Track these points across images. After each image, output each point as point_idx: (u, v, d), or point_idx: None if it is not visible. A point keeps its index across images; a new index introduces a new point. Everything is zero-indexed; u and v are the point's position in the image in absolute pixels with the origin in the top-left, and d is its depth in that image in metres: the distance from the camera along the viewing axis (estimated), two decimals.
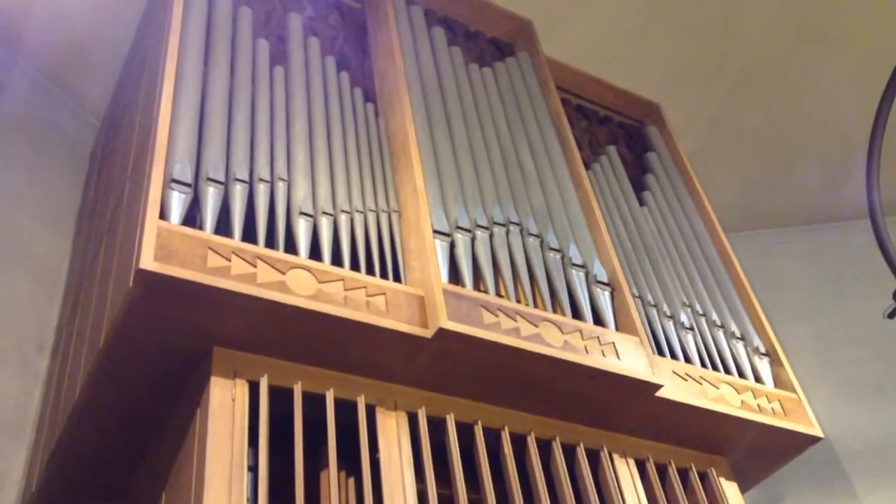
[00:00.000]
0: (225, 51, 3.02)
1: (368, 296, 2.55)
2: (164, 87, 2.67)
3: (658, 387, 2.91)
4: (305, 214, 2.68)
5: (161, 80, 2.72)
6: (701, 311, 3.49)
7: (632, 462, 2.98)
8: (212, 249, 2.36)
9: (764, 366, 3.42)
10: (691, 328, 3.36)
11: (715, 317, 3.50)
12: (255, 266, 2.40)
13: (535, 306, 2.91)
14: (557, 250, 3.13)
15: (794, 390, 3.37)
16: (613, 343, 2.89)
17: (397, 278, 2.76)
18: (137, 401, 2.56)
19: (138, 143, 2.84)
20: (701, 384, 3.11)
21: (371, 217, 2.86)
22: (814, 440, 3.28)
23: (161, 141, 2.53)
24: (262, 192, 2.65)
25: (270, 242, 2.57)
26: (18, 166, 3.72)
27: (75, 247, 3.67)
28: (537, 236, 3.13)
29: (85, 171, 4.00)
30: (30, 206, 3.65)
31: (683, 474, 3.11)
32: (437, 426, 2.65)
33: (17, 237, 3.53)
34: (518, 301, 2.88)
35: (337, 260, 2.65)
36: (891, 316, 2.34)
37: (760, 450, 3.27)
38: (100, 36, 4.01)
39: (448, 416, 2.68)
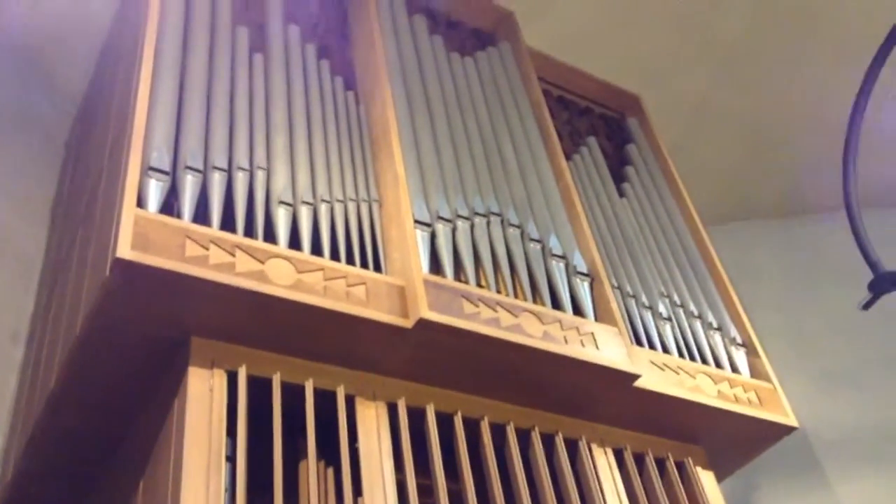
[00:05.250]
0: (204, 37, 2.98)
1: (349, 286, 2.54)
2: (142, 74, 2.64)
3: (636, 377, 2.93)
4: (285, 203, 2.67)
5: (139, 67, 2.68)
6: (679, 302, 3.51)
7: (610, 452, 3.00)
8: (190, 238, 2.34)
9: (740, 356, 3.45)
10: (669, 319, 3.38)
11: (692, 307, 3.53)
12: (233, 255, 2.39)
13: (516, 297, 2.91)
14: (538, 241, 3.14)
15: (769, 380, 3.40)
16: (592, 333, 2.91)
17: (378, 268, 2.75)
18: (114, 390, 2.54)
19: (115, 131, 2.80)
20: (678, 374, 3.13)
21: (351, 206, 2.85)
22: (789, 430, 3.32)
23: (138, 128, 2.50)
24: (240, 180, 2.63)
25: (249, 232, 2.55)
26: None
27: (51, 236, 3.62)
28: (518, 227, 3.13)
29: (61, 159, 3.95)
30: (4, 195, 3.60)
31: (661, 464, 3.13)
32: (416, 416, 2.65)
33: None
34: (498, 291, 2.88)
35: (317, 249, 2.63)
36: (866, 307, 2.36)
37: (736, 439, 3.31)
38: (78, 21, 3.95)
39: (428, 407, 2.68)
